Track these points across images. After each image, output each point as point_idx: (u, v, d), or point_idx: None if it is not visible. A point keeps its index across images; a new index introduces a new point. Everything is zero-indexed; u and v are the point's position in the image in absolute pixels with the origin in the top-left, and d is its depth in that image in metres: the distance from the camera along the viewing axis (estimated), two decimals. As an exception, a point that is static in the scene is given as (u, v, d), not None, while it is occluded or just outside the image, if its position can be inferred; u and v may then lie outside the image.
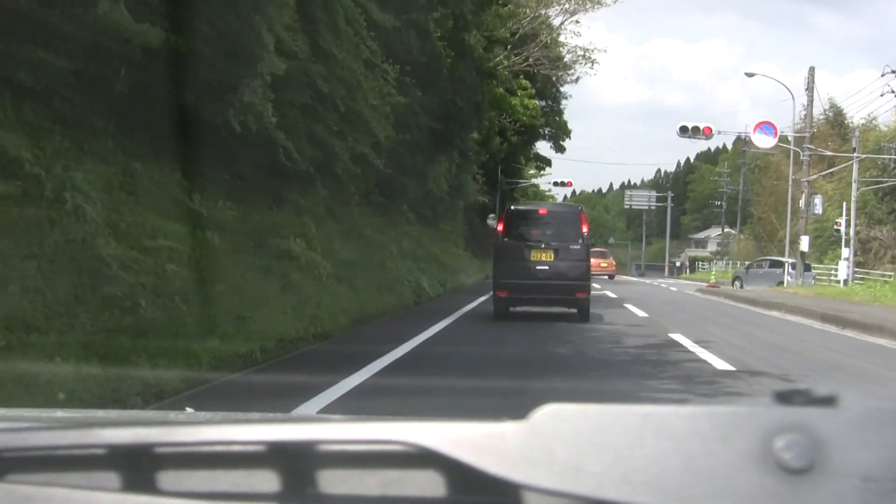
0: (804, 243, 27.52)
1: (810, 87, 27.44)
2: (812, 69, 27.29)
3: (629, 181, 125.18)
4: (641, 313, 14.99)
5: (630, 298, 19.97)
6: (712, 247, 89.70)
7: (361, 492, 0.71)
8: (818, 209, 27.65)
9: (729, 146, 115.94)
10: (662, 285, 34.96)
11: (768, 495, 0.59)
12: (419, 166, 19.66)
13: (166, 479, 0.74)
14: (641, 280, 45.14)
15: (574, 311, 12.84)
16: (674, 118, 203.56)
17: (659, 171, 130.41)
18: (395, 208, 21.11)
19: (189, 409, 1.75)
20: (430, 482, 0.70)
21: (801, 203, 27.73)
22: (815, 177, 27.98)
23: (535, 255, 12.38)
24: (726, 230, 72.64)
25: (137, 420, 1.35)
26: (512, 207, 12.70)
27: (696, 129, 27.67)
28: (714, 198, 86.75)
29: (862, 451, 0.60)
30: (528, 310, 13.35)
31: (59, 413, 1.53)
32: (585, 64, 34.28)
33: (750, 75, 37.38)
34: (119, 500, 0.73)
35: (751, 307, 19.02)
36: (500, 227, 12.53)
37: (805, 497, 0.58)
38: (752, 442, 0.60)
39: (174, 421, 1.12)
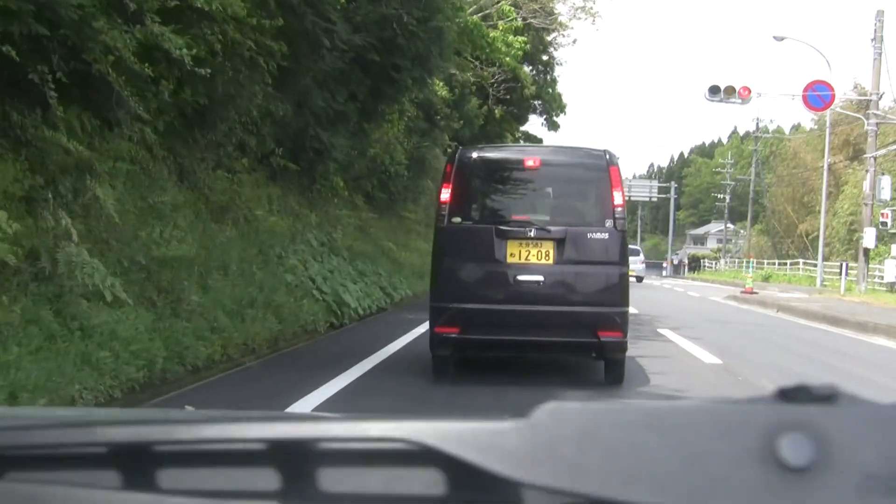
0: (868, 237, 21.32)
1: (878, 38, 21.20)
2: (881, 13, 21.04)
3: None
4: (703, 353, 8.65)
5: (658, 315, 13.67)
6: (712, 243, 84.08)
7: (362, 490, 0.70)
8: (885, 193, 21.42)
9: (725, 139, 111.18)
10: (677, 289, 28.75)
11: (769, 492, 0.58)
12: (350, 118, 13.25)
13: (167, 477, 0.73)
14: (643, 281, 39.03)
15: (593, 360, 6.56)
16: (667, 114, 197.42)
17: (652, 165, 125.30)
18: (322, 183, 14.72)
19: (189, 408, 1.41)
20: (431, 480, 0.69)
21: (865, 186, 21.52)
22: (882, 152, 21.76)
23: (515, 253, 6.08)
24: (729, 226, 66.75)
25: (138, 418, 1.26)
26: (473, 155, 6.31)
27: (730, 91, 21.47)
28: (712, 192, 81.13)
29: (863, 448, 0.59)
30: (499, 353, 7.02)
31: (60, 411, 1.58)
32: (586, 19, 27.85)
33: (779, 39, 31.19)
34: (119, 498, 0.73)
35: (838, 329, 12.78)
36: (444, 194, 6.14)
37: (806, 494, 0.58)
38: (754, 439, 0.59)
39: (175, 419, 1.04)
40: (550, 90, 34.02)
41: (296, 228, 13.02)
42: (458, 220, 6.10)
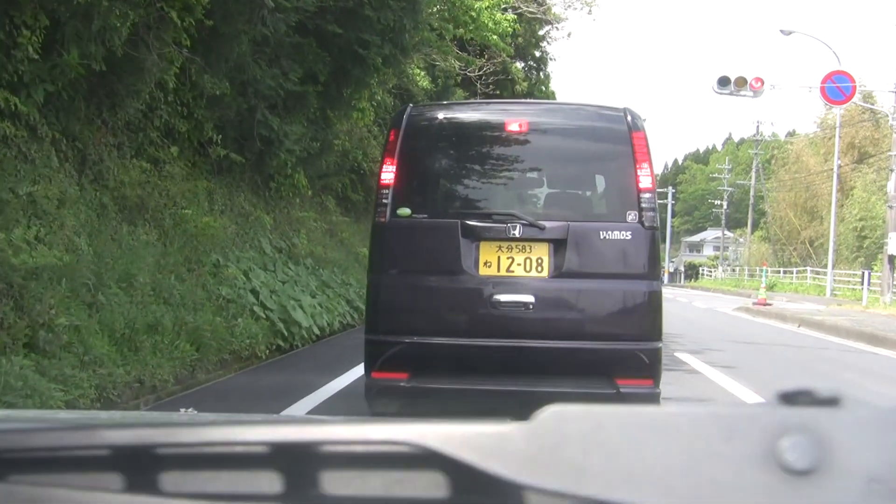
0: (894, 242, 19.34)
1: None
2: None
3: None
4: (747, 394, 6.64)
5: (670, 333, 11.64)
6: (709, 251, 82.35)
7: (364, 493, 0.70)
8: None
9: (720, 146, 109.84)
10: (680, 299, 26.79)
11: (772, 496, 0.58)
12: (309, 102, 11.25)
13: (168, 480, 0.73)
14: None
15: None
16: (662, 120, 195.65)
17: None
18: (280, 180, 12.68)
19: (191, 410, 1.43)
20: (434, 483, 0.69)
21: (890, 187, 19.59)
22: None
23: (491, 261, 4.08)
24: (726, 233, 65.01)
25: (140, 421, 1.27)
26: (430, 115, 4.26)
27: (741, 82, 19.52)
28: (708, 198, 79.54)
29: (866, 452, 0.59)
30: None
31: (62, 414, 1.55)
32: (582, 9, 25.89)
33: (787, 33, 29.34)
34: (121, 500, 0.73)
35: (884, 350, 10.83)
36: (385, 174, 4.11)
37: (808, 498, 0.58)
38: (756, 442, 0.60)
39: (176, 422, 1.09)
40: (543, 88, 32.11)
41: (244, 232, 11.02)
42: (405, 211, 4.07)
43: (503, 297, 4.02)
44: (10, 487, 0.74)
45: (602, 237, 4.06)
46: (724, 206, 62.88)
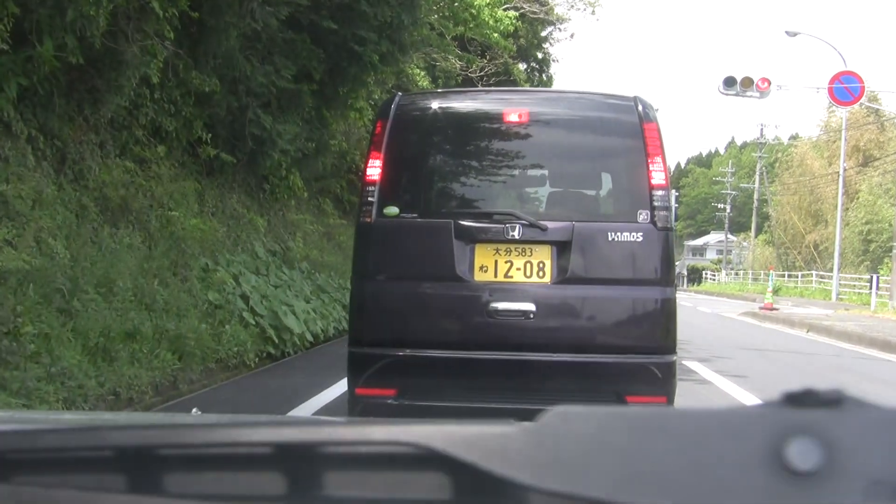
0: (904, 248, 18.93)
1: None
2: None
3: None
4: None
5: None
6: (711, 254, 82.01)
7: (368, 494, 0.70)
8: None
9: (723, 149, 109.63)
10: (684, 303, 26.37)
11: (776, 497, 0.58)
12: (303, 101, 10.88)
13: (173, 481, 0.73)
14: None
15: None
16: (665, 124, 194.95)
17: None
18: (275, 182, 12.31)
19: (196, 411, 1.45)
20: (438, 484, 0.69)
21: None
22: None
23: (487, 265, 3.71)
24: (729, 237, 64.58)
25: (144, 422, 1.28)
26: (421, 104, 3.90)
27: (747, 83, 19.17)
28: (710, 202, 79.32)
29: (870, 453, 0.59)
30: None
31: (67, 415, 1.49)
32: (585, 9, 25.51)
33: (792, 35, 28.97)
34: (125, 501, 0.73)
35: (897, 359, 10.42)
36: (371, 169, 3.73)
37: (813, 499, 0.58)
38: (761, 444, 0.59)
39: (181, 423, 1.09)
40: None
41: (236, 235, 10.65)
42: (393, 210, 3.69)
43: (501, 306, 3.64)
44: (16, 488, 0.73)
45: (610, 239, 3.68)
46: (728, 210, 62.44)
